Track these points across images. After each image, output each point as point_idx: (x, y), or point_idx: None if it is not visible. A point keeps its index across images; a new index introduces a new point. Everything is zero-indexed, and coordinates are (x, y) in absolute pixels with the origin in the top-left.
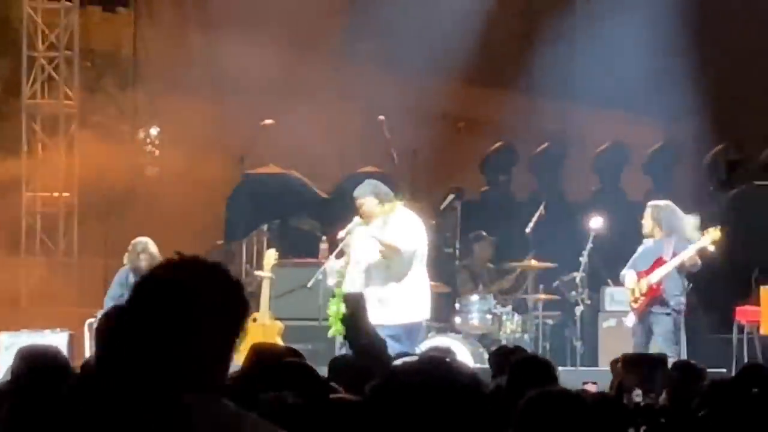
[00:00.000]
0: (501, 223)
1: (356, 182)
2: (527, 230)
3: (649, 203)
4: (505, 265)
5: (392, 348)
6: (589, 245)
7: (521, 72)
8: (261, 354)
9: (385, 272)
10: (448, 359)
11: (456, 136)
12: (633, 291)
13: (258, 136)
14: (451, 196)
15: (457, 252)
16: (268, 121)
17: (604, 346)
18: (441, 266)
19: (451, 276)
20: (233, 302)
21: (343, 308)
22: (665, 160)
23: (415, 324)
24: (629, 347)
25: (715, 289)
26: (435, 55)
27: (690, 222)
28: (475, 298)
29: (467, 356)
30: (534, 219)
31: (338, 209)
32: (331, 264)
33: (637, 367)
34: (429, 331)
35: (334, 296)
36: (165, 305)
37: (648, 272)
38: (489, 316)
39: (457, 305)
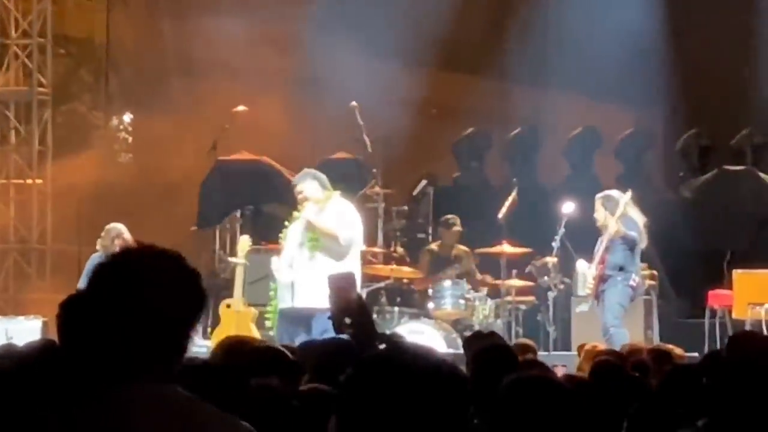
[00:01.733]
0: (474, 208)
1: (329, 168)
2: (500, 215)
3: (599, 195)
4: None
5: (320, 329)
6: (562, 230)
7: (494, 58)
8: (232, 344)
9: (315, 255)
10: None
11: (428, 122)
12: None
13: (230, 122)
14: (423, 182)
15: (430, 238)
16: (240, 108)
17: (577, 331)
18: (413, 252)
19: (418, 259)
20: (189, 292)
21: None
22: (637, 146)
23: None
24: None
25: (686, 273)
26: (407, 40)
27: (624, 199)
28: (448, 283)
29: (440, 341)
30: (506, 204)
31: None
32: (275, 263)
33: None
34: (402, 317)
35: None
36: (120, 293)
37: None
38: (462, 302)
39: (429, 291)
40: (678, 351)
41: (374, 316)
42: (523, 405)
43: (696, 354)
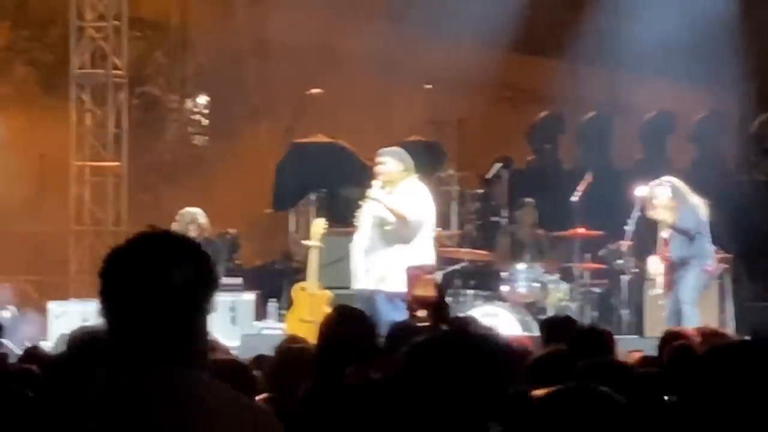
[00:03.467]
0: (547, 191)
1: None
2: (573, 199)
3: (664, 181)
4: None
5: (387, 315)
6: (636, 213)
7: (568, 40)
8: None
9: (390, 238)
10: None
11: (503, 105)
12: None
13: (305, 105)
14: (497, 165)
15: (505, 221)
16: (316, 90)
17: (650, 315)
18: (488, 235)
19: (496, 242)
20: (203, 278)
21: None
22: (711, 129)
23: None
24: None
25: (760, 256)
26: (482, 23)
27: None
28: (522, 266)
29: (515, 324)
30: (580, 188)
31: None
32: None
33: None
34: (476, 299)
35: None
36: (134, 279)
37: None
38: (536, 285)
39: (504, 274)
40: None
41: (449, 299)
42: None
43: None
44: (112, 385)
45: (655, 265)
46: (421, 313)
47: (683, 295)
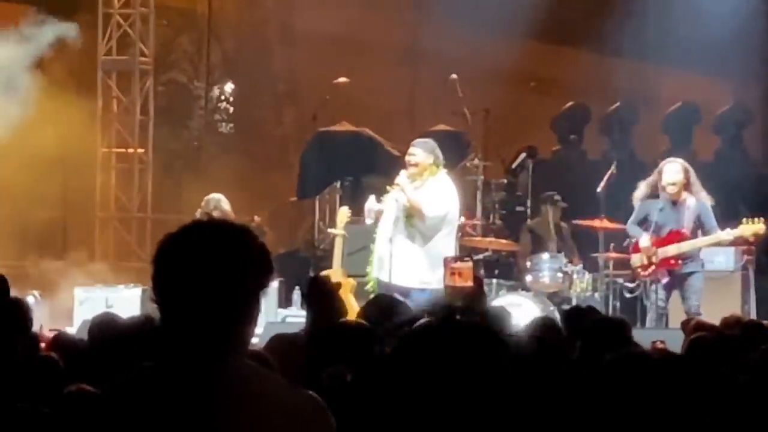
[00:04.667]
0: (572, 182)
1: None
2: (598, 189)
3: (672, 159)
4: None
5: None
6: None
7: (594, 31)
8: None
9: (409, 231)
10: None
11: (528, 95)
12: (641, 257)
13: (331, 93)
14: (522, 155)
15: (528, 211)
16: (342, 79)
17: (674, 306)
18: (512, 225)
19: (520, 237)
20: (257, 266)
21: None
22: (735, 121)
23: (424, 291)
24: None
25: None
26: (508, 13)
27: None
28: (546, 256)
29: (538, 314)
30: (605, 178)
31: None
32: (370, 204)
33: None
34: (500, 289)
35: (372, 252)
36: (189, 267)
37: (664, 242)
38: (560, 275)
39: (528, 263)
40: None
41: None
42: (625, 382)
43: None
44: (165, 373)
45: (646, 245)
46: (458, 302)
47: (694, 305)
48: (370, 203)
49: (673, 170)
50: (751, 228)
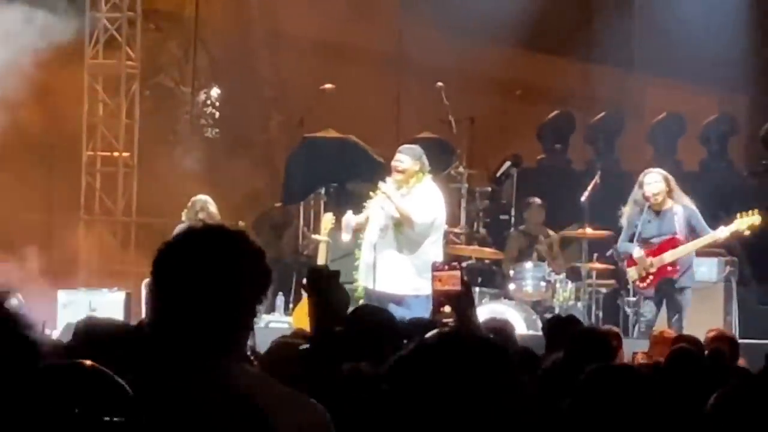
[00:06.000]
0: (557, 190)
1: None
2: (582, 198)
3: (653, 170)
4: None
5: (397, 315)
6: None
7: (580, 40)
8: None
9: (398, 240)
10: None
11: (513, 103)
12: (638, 269)
13: (317, 99)
14: (507, 164)
15: (513, 219)
16: (328, 86)
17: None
18: (496, 233)
19: (505, 243)
20: (253, 270)
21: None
22: (720, 132)
23: (418, 297)
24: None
25: (766, 260)
26: (494, 22)
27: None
28: (529, 265)
29: (520, 323)
30: (589, 187)
31: None
32: (347, 219)
33: None
34: (483, 297)
35: (358, 258)
36: (190, 273)
37: (657, 251)
38: (543, 284)
39: (511, 272)
40: None
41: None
42: (604, 394)
43: None
44: (159, 378)
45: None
46: (447, 308)
47: (683, 314)
48: (348, 217)
49: (653, 181)
50: (746, 221)
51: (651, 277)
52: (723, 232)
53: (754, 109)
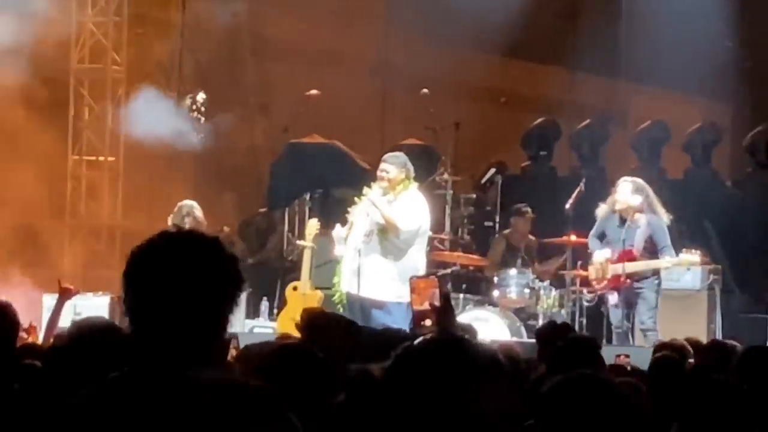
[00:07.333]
0: (541, 198)
1: None
2: (567, 206)
3: (629, 179)
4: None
5: (378, 321)
6: (628, 222)
7: (565, 47)
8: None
9: (383, 246)
10: (466, 337)
11: (498, 110)
12: (597, 270)
13: (302, 105)
14: (492, 171)
15: (497, 226)
16: (313, 92)
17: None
18: (480, 240)
19: (489, 248)
20: (227, 277)
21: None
22: (705, 140)
23: (400, 304)
24: (665, 322)
25: (751, 268)
26: (479, 28)
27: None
28: (513, 272)
29: (504, 329)
30: (574, 195)
31: None
32: (337, 232)
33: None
34: (467, 304)
35: (339, 263)
36: (160, 279)
37: (615, 260)
38: (527, 291)
39: (495, 278)
40: None
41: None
42: (570, 405)
43: None
44: (131, 384)
45: (602, 260)
46: (427, 322)
47: (647, 323)
48: (338, 231)
49: (624, 189)
50: (687, 259)
51: (605, 282)
52: (667, 263)
53: (738, 118)
